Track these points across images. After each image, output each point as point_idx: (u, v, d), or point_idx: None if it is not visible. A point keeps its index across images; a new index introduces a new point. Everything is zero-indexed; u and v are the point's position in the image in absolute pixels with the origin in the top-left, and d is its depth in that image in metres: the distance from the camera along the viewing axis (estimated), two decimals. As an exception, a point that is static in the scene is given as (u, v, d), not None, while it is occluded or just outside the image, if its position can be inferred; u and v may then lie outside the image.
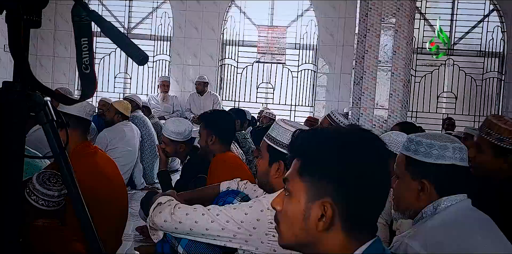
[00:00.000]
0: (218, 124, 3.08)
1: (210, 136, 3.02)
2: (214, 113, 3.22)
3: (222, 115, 3.22)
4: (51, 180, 1.94)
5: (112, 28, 1.16)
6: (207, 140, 3.03)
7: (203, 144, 3.07)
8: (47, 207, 1.93)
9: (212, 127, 3.04)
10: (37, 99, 1.13)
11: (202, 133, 3.07)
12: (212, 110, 3.34)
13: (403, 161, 1.62)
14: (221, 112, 3.31)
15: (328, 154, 1.03)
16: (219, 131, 3.05)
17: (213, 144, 3.02)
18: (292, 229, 1.07)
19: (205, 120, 3.12)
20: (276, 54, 9.04)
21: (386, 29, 4.82)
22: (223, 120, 3.15)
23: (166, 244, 1.96)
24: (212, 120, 3.10)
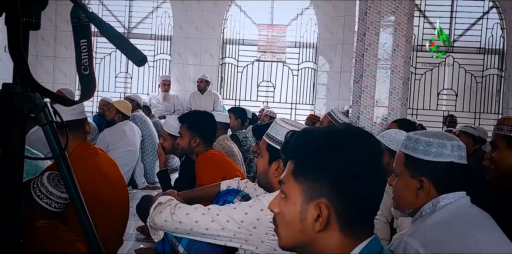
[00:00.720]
0: (201, 127, 3.08)
1: (194, 138, 3.05)
2: (196, 115, 3.18)
3: (204, 116, 3.18)
4: (61, 182, 1.94)
5: (111, 29, 1.17)
6: (191, 142, 3.05)
7: (185, 146, 3.08)
8: (58, 209, 1.94)
9: (196, 130, 3.05)
10: (36, 101, 1.14)
11: (185, 135, 3.07)
12: (193, 111, 3.31)
13: (402, 159, 1.62)
14: (202, 113, 3.23)
15: (321, 154, 1.04)
16: (203, 133, 3.06)
17: (196, 146, 3.06)
18: (290, 231, 1.07)
19: (188, 122, 3.09)
20: (276, 53, 9.05)
21: (386, 27, 4.82)
22: (205, 121, 3.14)
23: (167, 243, 1.97)
24: (195, 123, 3.09)
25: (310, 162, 1.05)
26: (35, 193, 1.93)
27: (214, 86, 8.81)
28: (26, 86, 1.14)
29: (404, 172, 1.61)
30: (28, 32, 1.15)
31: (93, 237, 1.19)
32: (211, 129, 3.16)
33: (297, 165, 1.07)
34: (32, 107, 1.12)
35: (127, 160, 5.12)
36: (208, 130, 3.12)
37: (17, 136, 1.14)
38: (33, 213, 1.92)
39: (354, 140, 1.05)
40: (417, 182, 1.58)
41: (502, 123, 2.18)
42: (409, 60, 5.07)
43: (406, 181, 1.61)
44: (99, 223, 1.32)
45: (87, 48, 1.25)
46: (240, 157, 4.24)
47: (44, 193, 1.93)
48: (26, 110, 1.11)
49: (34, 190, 1.93)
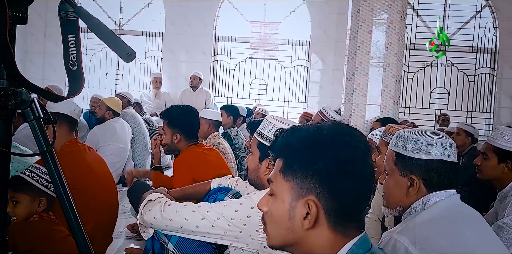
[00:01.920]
0: (182, 122, 3.03)
1: (175, 135, 3.01)
2: (176, 110, 3.11)
3: (185, 111, 3.11)
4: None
5: (99, 24, 1.15)
6: (172, 138, 3.02)
7: (167, 142, 3.05)
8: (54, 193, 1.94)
9: (177, 126, 3.01)
10: (23, 96, 1.12)
11: (167, 131, 3.04)
12: (174, 106, 3.25)
13: (393, 157, 1.63)
14: (183, 107, 3.18)
15: (308, 151, 1.03)
16: (184, 129, 3.03)
17: (178, 142, 3.03)
18: (279, 229, 1.07)
19: (169, 119, 3.05)
20: (269, 50, 9.04)
21: (378, 25, 4.83)
22: (185, 117, 3.08)
23: (157, 241, 1.96)
24: (176, 119, 3.04)
25: (298, 160, 1.05)
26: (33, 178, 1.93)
27: (206, 83, 8.77)
28: (13, 81, 1.13)
29: (395, 170, 1.62)
30: (15, 26, 1.13)
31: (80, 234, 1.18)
32: (192, 124, 3.09)
33: (285, 163, 1.07)
34: (19, 102, 1.10)
35: (118, 157, 5.09)
36: (188, 125, 3.06)
37: (4, 132, 1.12)
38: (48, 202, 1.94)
39: (341, 137, 1.05)
40: (408, 180, 1.58)
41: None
42: (402, 58, 5.09)
43: (397, 179, 1.61)
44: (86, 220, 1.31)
45: (75, 43, 1.24)
46: (232, 155, 4.24)
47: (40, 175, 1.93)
48: (12, 106, 1.09)
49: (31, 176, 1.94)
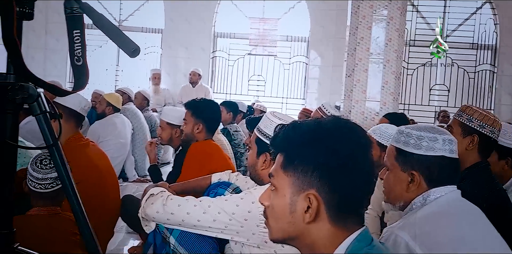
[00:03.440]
0: (206, 113, 3.08)
1: (197, 125, 3.05)
2: (202, 102, 3.18)
3: (210, 104, 3.20)
4: (43, 162, 1.96)
5: (104, 20, 1.16)
6: (194, 128, 3.06)
7: (188, 132, 3.08)
8: (45, 190, 1.94)
9: (200, 116, 3.06)
10: (30, 91, 1.14)
11: (189, 121, 3.08)
12: (199, 99, 3.29)
13: (393, 152, 1.63)
14: (208, 101, 3.26)
15: (308, 146, 1.05)
16: (207, 120, 3.07)
17: (198, 133, 3.06)
18: (280, 223, 1.09)
19: (193, 108, 3.10)
20: (267, 47, 9.04)
21: (378, 21, 4.84)
22: (211, 109, 3.15)
23: (158, 235, 1.97)
24: (201, 109, 3.09)
25: (298, 154, 1.06)
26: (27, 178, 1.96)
27: (205, 79, 8.78)
28: (20, 76, 1.14)
29: (395, 165, 1.63)
30: (22, 22, 1.14)
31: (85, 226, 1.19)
32: (215, 118, 3.17)
33: (286, 158, 1.08)
34: (25, 97, 1.12)
35: (118, 152, 5.11)
36: (212, 118, 3.12)
37: (11, 126, 1.14)
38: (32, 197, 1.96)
39: (341, 132, 1.07)
40: (408, 175, 1.59)
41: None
42: (402, 55, 5.10)
43: (397, 174, 1.62)
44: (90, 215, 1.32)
45: (80, 39, 1.25)
46: (230, 151, 4.24)
47: (28, 176, 1.96)
48: (19, 100, 1.11)
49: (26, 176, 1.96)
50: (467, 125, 2.15)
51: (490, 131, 2.13)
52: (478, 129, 2.13)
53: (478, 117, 2.15)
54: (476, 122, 2.15)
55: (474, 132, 2.11)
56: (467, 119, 2.18)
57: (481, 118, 2.17)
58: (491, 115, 2.18)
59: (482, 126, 2.13)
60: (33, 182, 1.94)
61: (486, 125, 2.12)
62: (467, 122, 2.16)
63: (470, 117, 2.18)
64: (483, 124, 2.13)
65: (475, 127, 2.14)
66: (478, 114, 2.16)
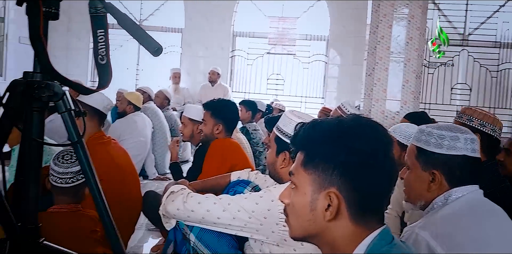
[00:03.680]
0: (225, 114, 3.14)
1: (217, 125, 3.10)
2: (221, 102, 3.23)
3: (228, 104, 3.25)
4: (64, 157, 1.99)
5: (127, 19, 1.18)
6: (213, 128, 3.11)
7: (208, 132, 3.13)
8: (66, 184, 1.97)
9: (220, 116, 3.11)
10: (56, 89, 1.16)
11: (209, 122, 3.13)
12: (217, 99, 3.33)
13: (414, 152, 1.62)
14: (227, 101, 3.31)
15: (329, 144, 1.05)
16: (226, 120, 3.12)
17: (218, 133, 3.11)
18: (300, 221, 1.09)
19: (212, 109, 3.15)
20: (286, 46, 9.02)
21: (399, 19, 4.80)
22: (229, 109, 3.21)
23: (179, 232, 1.99)
24: (220, 109, 3.14)
25: (319, 152, 1.06)
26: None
27: (224, 78, 8.80)
28: (46, 75, 1.16)
29: (416, 165, 1.62)
30: (48, 21, 1.17)
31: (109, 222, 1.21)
32: (234, 118, 3.23)
33: (306, 156, 1.08)
34: (51, 95, 1.14)
35: (138, 150, 5.17)
36: (231, 118, 3.18)
37: (37, 123, 1.16)
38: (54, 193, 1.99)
39: (362, 130, 1.06)
40: (429, 175, 1.58)
41: None
42: (423, 53, 5.05)
43: (418, 173, 1.61)
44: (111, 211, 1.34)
45: (104, 38, 1.27)
46: (249, 150, 4.25)
47: (50, 171, 1.98)
48: (45, 98, 1.14)
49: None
50: (467, 125, 2.15)
51: (491, 129, 2.13)
52: (479, 128, 2.13)
53: (478, 117, 2.15)
54: (476, 121, 2.14)
55: (475, 131, 2.10)
56: (467, 119, 2.18)
57: (480, 117, 2.17)
58: (490, 114, 2.19)
59: (482, 124, 2.13)
60: (54, 177, 1.97)
61: (487, 123, 2.12)
62: (468, 122, 2.16)
63: (470, 117, 2.18)
64: (484, 122, 2.13)
65: (475, 126, 2.14)
66: (478, 113, 2.17)
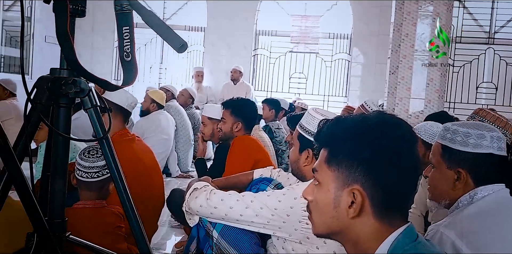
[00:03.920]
0: (244, 112, 3.18)
1: (236, 123, 3.15)
2: (240, 101, 3.28)
3: (247, 102, 3.30)
4: (90, 152, 2.02)
5: (153, 16, 1.20)
6: (233, 126, 3.15)
7: (227, 130, 3.18)
8: (91, 178, 2.00)
9: (239, 115, 3.15)
10: (82, 85, 1.18)
11: (228, 120, 3.17)
12: (237, 98, 3.37)
13: (439, 150, 1.60)
14: (246, 100, 3.36)
15: (353, 141, 1.04)
16: (245, 118, 3.16)
17: (237, 131, 3.16)
18: (324, 218, 1.08)
19: (232, 107, 3.19)
20: (309, 44, 8.99)
21: (424, 17, 4.74)
22: (248, 108, 3.24)
23: (202, 228, 2.00)
24: (239, 108, 3.18)
25: (343, 149, 1.05)
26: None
27: (246, 77, 8.82)
28: (73, 71, 1.18)
29: (441, 163, 1.60)
30: (75, 19, 1.19)
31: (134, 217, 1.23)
32: (253, 116, 3.26)
33: (330, 153, 1.08)
34: (78, 91, 1.16)
35: (162, 148, 5.22)
36: (250, 116, 3.21)
37: (64, 118, 1.18)
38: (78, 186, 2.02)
39: (387, 126, 1.06)
40: (454, 173, 1.56)
41: None
42: (448, 52, 4.97)
43: (443, 172, 1.59)
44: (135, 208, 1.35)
45: (129, 35, 1.29)
46: (272, 148, 4.25)
47: (76, 165, 2.02)
48: (72, 94, 1.15)
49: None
50: None
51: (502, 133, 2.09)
52: None
53: (490, 119, 2.12)
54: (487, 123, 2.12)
55: None
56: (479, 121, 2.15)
57: (493, 120, 2.15)
58: (503, 118, 2.15)
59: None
60: (80, 171, 2.00)
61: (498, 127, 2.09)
62: None
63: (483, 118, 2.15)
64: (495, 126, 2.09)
65: None
66: (491, 116, 2.14)
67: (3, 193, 1.15)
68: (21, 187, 1.05)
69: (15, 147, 1.12)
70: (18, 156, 1.09)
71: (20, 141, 1.16)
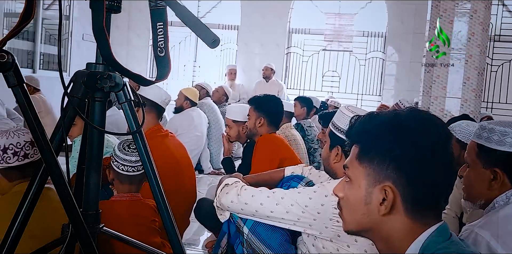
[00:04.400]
0: (267, 107, 3.18)
1: (259, 119, 3.16)
2: (264, 97, 3.30)
3: (271, 98, 3.30)
4: (130, 147, 2.05)
5: (186, 12, 1.21)
6: (256, 122, 3.17)
7: (251, 126, 3.20)
8: (126, 172, 2.03)
9: (262, 110, 3.16)
10: (117, 80, 1.20)
11: (252, 115, 3.19)
12: (262, 94, 3.41)
13: (475, 149, 1.57)
14: (271, 96, 3.37)
15: (386, 138, 1.02)
16: (268, 114, 3.16)
17: (260, 127, 3.16)
18: (354, 215, 1.07)
19: (255, 103, 3.22)
20: (343, 42, 8.91)
21: (460, 14, 4.63)
22: (272, 103, 3.25)
23: (232, 224, 2.01)
24: (262, 103, 3.20)
25: (374, 146, 1.04)
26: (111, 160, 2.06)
27: (279, 75, 8.81)
28: (108, 66, 1.21)
29: (477, 162, 1.57)
30: (110, 14, 1.21)
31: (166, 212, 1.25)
32: (277, 112, 3.25)
33: (361, 149, 1.06)
34: (113, 85, 1.18)
35: (194, 145, 5.28)
36: (274, 111, 3.21)
37: (99, 112, 1.21)
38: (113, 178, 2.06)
39: (420, 123, 1.04)
40: (490, 173, 1.53)
41: None
42: (486, 50, 4.84)
43: (479, 171, 1.56)
44: (167, 203, 1.37)
45: (163, 31, 1.30)
46: (304, 146, 4.24)
47: (113, 156, 2.05)
48: (107, 88, 1.18)
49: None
50: None
51: None
52: None
53: None
54: None
55: None
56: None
57: None
58: None
59: None
60: (125, 166, 2.02)
61: None
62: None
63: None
64: None
65: None
66: None
67: (40, 184, 1.19)
68: (57, 178, 1.08)
69: (51, 140, 1.15)
70: (54, 149, 1.12)
71: (57, 134, 1.19)
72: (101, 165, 1.24)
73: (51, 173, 1.07)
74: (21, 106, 1.04)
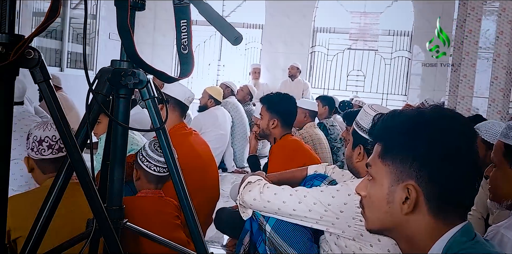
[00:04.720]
0: (281, 108, 3.05)
1: (272, 120, 3.04)
2: (276, 96, 3.15)
3: (284, 97, 3.14)
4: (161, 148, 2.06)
5: (210, 9, 1.22)
6: (269, 123, 3.05)
7: (264, 127, 3.08)
8: (158, 173, 2.05)
9: (275, 111, 3.04)
10: (141, 77, 1.22)
11: (264, 116, 3.08)
12: (274, 93, 3.25)
13: (501, 149, 1.55)
14: (284, 95, 3.20)
15: (409, 136, 1.01)
16: (282, 114, 3.04)
17: (274, 128, 3.05)
18: (377, 213, 1.06)
19: (268, 103, 3.09)
20: (368, 41, 8.83)
21: (489, 13, 4.55)
22: (286, 103, 3.10)
23: (255, 222, 2.01)
24: (275, 104, 3.07)
25: (397, 144, 1.03)
26: (138, 158, 2.07)
27: (303, 74, 8.79)
28: (132, 63, 1.22)
29: (503, 162, 1.54)
30: (135, 12, 1.23)
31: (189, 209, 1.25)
32: (291, 112, 3.12)
33: (384, 147, 1.06)
34: (137, 82, 1.20)
35: (218, 143, 5.30)
36: (287, 112, 3.08)
37: (123, 109, 1.23)
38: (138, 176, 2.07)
39: (444, 121, 1.02)
40: (518, 173, 1.49)
41: None
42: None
43: (506, 171, 1.53)
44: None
45: (186, 28, 1.31)
46: (327, 146, 4.22)
47: (144, 156, 2.05)
48: (131, 85, 1.19)
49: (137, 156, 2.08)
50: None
51: None
52: None
53: None
54: None
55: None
56: None
57: None
58: None
59: None
60: (157, 167, 2.03)
61: None
62: None
63: None
64: None
65: None
66: None
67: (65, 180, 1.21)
68: (82, 174, 1.10)
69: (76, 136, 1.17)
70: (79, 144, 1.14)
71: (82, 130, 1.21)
72: (125, 161, 1.26)
73: (76, 168, 1.09)
74: (47, 101, 1.06)
